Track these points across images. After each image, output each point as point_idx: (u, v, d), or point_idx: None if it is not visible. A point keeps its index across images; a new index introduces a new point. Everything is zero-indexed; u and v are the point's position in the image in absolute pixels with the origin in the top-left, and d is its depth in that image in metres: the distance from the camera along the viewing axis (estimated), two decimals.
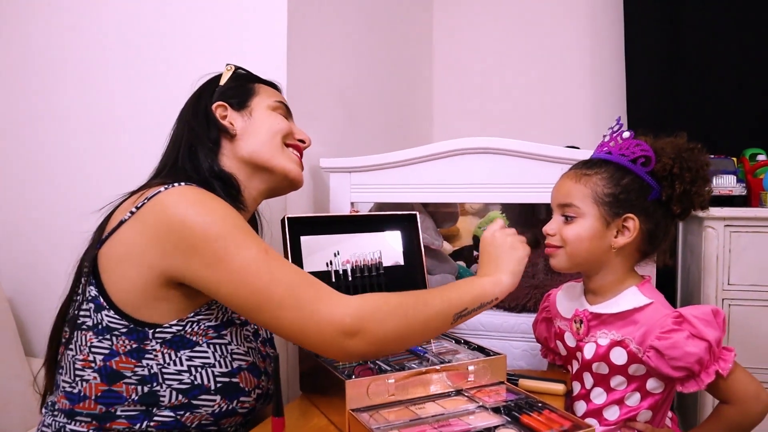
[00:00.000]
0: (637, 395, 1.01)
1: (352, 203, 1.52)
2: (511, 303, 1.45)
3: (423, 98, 2.54)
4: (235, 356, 0.94)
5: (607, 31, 2.33)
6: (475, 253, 2.01)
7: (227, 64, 1.12)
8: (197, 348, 0.90)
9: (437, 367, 0.98)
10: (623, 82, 2.23)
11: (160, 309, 0.88)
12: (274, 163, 1.06)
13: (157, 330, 0.88)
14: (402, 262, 1.27)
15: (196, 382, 0.89)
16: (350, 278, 1.21)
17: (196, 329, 0.91)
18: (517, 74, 2.49)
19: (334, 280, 1.19)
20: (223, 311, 0.95)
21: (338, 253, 1.21)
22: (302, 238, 1.19)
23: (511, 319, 1.42)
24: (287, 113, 1.14)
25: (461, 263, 1.88)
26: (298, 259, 1.17)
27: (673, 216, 1.05)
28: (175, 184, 0.89)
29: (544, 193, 1.36)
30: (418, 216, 1.28)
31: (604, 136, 1.11)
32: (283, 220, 1.16)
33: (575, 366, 1.10)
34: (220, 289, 0.84)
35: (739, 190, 1.66)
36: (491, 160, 1.42)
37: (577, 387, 1.10)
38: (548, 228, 1.07)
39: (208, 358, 0.91)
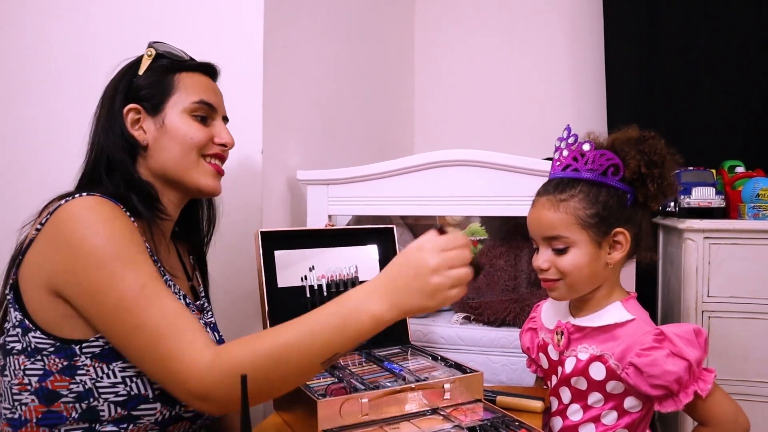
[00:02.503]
0: (614, 414, 1.00)
1: (329, 216, 1.50)
2: (490, 317, 1.43)
3: (404, 109, 2.53)
4: None
5: (587, 44, 2.35)
6: None
7: (149, 46, 1.00)
8: None
9: (412, 385, 0.95)
10: (603, 94, 2.24)
11: (80, 325, 0.85)
12: (187, 180, 0.99)
13: (84, 345, 0.84)
14: None
15: (132, 393, 0.85)
16: (326, 293, 1.18)
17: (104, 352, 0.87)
18: (499, 85, 2.49)
19: (309, 295, 1.17)
20: None
21: (313, 268, 1.19)
22: (276, 252, 1.17)
23: (490, 333, 1.40)
24: (210, 111, 1.02)
25: None
26: (271, 274, 1.15)
27: (650, 212, 1.04)
28: (77, 196, 0.85)
29: (523, 206, 1.35)
30: (395, 229, 1.26)
31: (558, 148, 1.06)
32: (256, 235, 1.14)
33: (554, 381, 1.08)
34: (96, 322, 0.82)
35: (717, 202, 1.65)
36: (470, 172, 1.41)
37: (554, 403, 1.08)
38: (540, 263, 1.04)
39: None
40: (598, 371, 1.00)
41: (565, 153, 1.06)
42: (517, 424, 0.90)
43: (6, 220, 1.53)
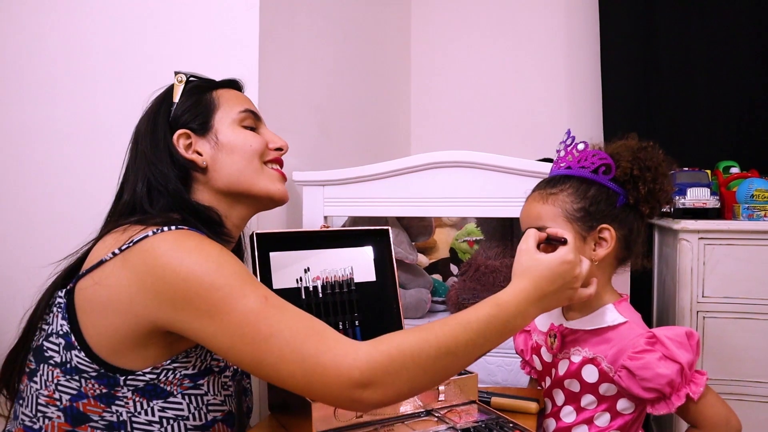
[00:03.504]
0: (607, 415, 1.00)
1: (325, 217, 1.50)
2: None
3: (400, 111, 2.53)
4: (210, 408, 0.89)
5: (583, 44, 2.34)
6: (452, 266, 2.00)
7: (176, 74, 1.00)
8: (171, 399, 0.85)
9: None
10: (599, 95, 2.24)
11: (138, 356, 0.83)
12: (257, 190, 0.98)
13: (129, 377, 0.82)
14: (374, 278, 1.24)
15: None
16: (320, 295, 1.18)
17: (171, 378, 0.85)
18: (495, 87, 2.49)
19: (303, 296, 1.17)
20: (201, 359, 0.90)
21: (308, 270, 1.19)
22: (271, 254, 1.17)
23: None
24: (255, 120, 1.03)
25: (437, 277, 1.87)
26: (267, 276, 1.15)
27: (642, 216, 1.04)
28: (165, 228, 0.82)
29: (518, 207, 1.35)
30: (390, 231, 1.26)
31: (558, 151, 1.10)
32: (251, 237, 1.14)
33: (548, 382, 1.09)
34: (217, 342, 0.78)
35: (712, 202, 1.65)
36: (466, 173, 1.41)
37: (548, 405, 1.09)
38: None
39: (182, 410, 0.86)
40: (590, 374, 1.00)
41: (562, 153, 1.08)
42: (511, 425, 0.91)
43: (5, 221, 1.54)
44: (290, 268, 1.18)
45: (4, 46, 1.55)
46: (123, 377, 0.82)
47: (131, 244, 0.81)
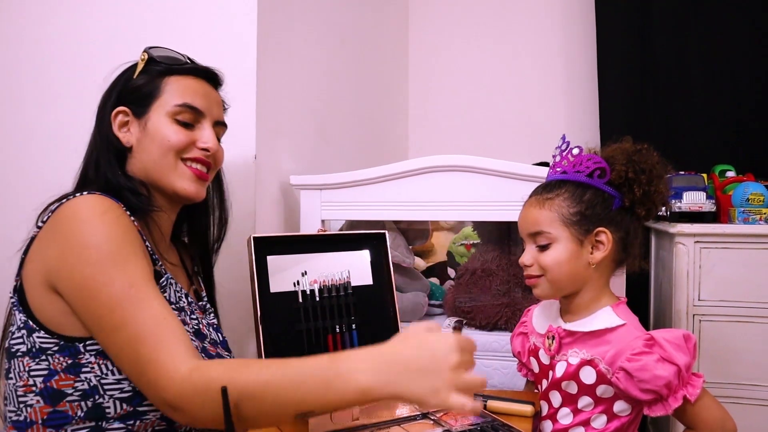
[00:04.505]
0: (604, 417, 1.00)
1: (323, 221, 1.51)
2: (482, 321, 1.44)
3: (398, 114, 2.54)
4: None
5: (580, 48, 2.36)
6: (449, 269, 2.00)
7: (144, 50, 1.01)
8: None
9: None
10: (596, 99, 2.25)
11: (79, 321, 0.85)
12: (164, 183, 0.99)
13: (88, 342, 0.85)
14: (371, 282, 1.25)
15: (137, 389, 0.85)
16: (317, 298, 1.19)
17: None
18: (492, 91, 2.50)
19: (301, 300, 1.17)
20: None
21: (306, 273, 1.19)
22: (269, 257, 1.17)
23: (482, 338, 1.41)
24: (196, 116, 1.01)
25: (434, 280, 1.87)
26: (264, 280, 1.15)
27: (639, 219, 1.06)
28: (77, 195, 0.86)
29: (515, 211, 1.36)
30: (387, 235, 1.26)
31: (554, 156, 1.11)
32: (249, 240, 1.14)
33: (545, 385, 1.09)
34: (82, 315, 0.83)
35: (708, 206, 1.66)
36: (463, 177, 1.42)
37: (545, 407, 1.09)
38: (524, 259, 1.06)
39: None
40: (588, 375, 1.01)
41: (558, 159, 1.09)
42: (507, 428, 0.91)
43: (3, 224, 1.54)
44: (288, 271, 1.18)
45: (7, 46, 1.55)
46: (81, 344, 0.85)
47: (50, 214, 0.86)
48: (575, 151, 1.06)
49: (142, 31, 1.47)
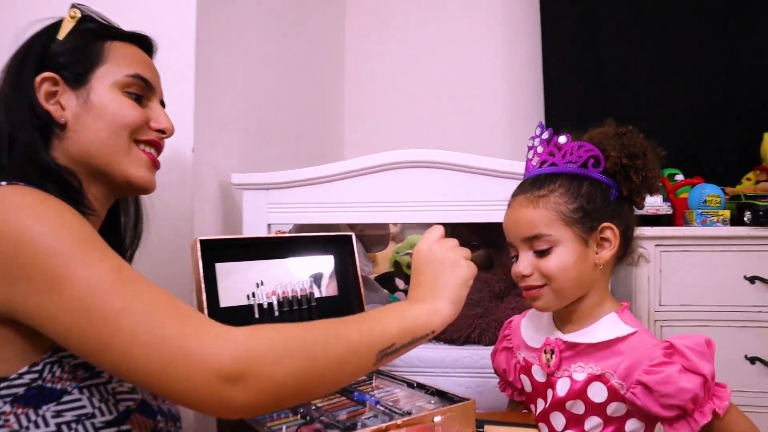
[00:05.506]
0: None
1: (269, 225, 1.32)
2: (452, 334, 1.30)
3: (335, 112, 2.38)
4: (119, 397, 0.71)
5: (524, 41, 2.28)
6: (397, 280, 1.85)
7: (73, 6, 0.83)
8: (66, 397, 0.67)
9: (398, 421, 0.80)
10: (541, 98, 2.20)
11: (3, 355, 0.65)
12: (115, 170, 0.81)
13: (3, 385, 0.65)
14: (336, 293, 1.08)
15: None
16: (276, 312, 1.00)
17: (58, 373, 0.68)
18: (432, 86, 2.39)
19: (258, 315, 0.98)
20: None
21: (262, 283, 1.01)
22: (217, 265, 0.98)
23: (453, 353, 1.27)
24: (146, 90, 0.85)
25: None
26: (213, 292, 0.95)
27: (634, 209, 0.96)
28: None
29: (489, 211, 1.24)
30: (353, 238, 1.10)
31: (532, 147, 0.98)
32: (194, 244, 0.94)
33: (541, 405, 0.96)
34: (57, 323, 0.62)
35: (665, 209, 1.64)
36: (429, 174, 1.29)
37: (544, 430, 0.96)
38: (522, 269, 0.92)
39: (83, 407, 0.68)
40: (598, 392, 0.89)
41: (540, 149, 0.97)
42: None
43: None
44: (240, 281, 0.99)
45: None
46: None
47: None
48: (562, 140, 0.93)
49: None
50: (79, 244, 0.63)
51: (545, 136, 0.96)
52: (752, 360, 1.48)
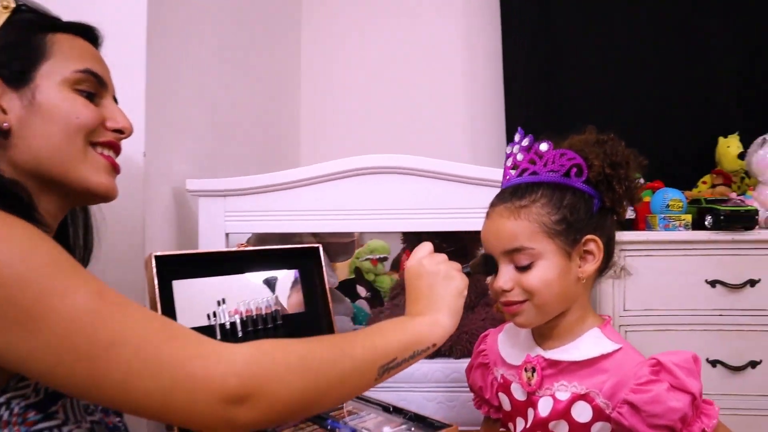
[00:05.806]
0: None
1: (227, 234, 1.23)
2: None
3: (291, 115, 2.29)
4: None
5: (484, 42, 2.24)
6: (358, 288, 1.79)
7: None
8: None
9: None
10: (502, 103, 2.17)
11: None
12: (72, 178, 0.73)
13: None
14: (303, 309, 1.01)
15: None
16: (240, 333, 0.93)
17: (7, 416, 0.61)
18: (390, 89, 2.33)
19: (219, 336, 0.91)
20: None
21: (224, 301, 0.93)
22: (174, 282, 0.89)
23: (423, 367, 1.22)
24: (98, 86, 0.77)
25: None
26: (170, 311, 0.87)
27: (614, 220, 0.93)
28: None
29: (460, 219, 1.20)
30: (321, 250, 1.03)
31: (511, 155, 0.94)
32: (148, 260, 0.86)
33: (521, 424, 0.92)
34: (37, 363, 0.56)
35: (629, 213, 1.63)
36: (397, 180, 1.23)
37: None
38: (502, 284, 0.87)
39: None
40: (582, 412, 0.85)
41: (520, 157, 0.92)
42: None
43: None
44: (200, 300, 0.91)
45: None
46: None
47: None
48: (543, 147, 0.89)
49: None
50: (53, 269, 0.57)
51: (525, 143, 0.92)
52: (713, 363, 1.49)
